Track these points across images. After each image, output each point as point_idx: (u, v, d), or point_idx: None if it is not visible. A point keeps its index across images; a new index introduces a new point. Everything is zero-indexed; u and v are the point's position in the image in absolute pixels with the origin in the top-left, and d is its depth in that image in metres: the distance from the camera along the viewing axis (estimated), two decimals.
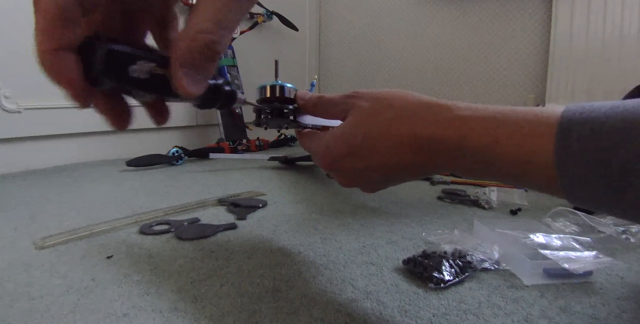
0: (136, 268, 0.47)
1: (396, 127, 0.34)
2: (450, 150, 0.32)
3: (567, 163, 0.26)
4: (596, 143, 0.25)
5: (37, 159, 1.09)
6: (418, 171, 0.36)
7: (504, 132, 0.29)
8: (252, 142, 1.44)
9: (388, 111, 0.36)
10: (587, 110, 0.27)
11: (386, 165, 0.36)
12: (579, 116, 0.27)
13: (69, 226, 0.61)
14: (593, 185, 0.26)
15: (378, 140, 0.35)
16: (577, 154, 0.26)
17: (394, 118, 0.35)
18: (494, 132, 0.30)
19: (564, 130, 0.27)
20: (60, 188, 0.86)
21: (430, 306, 0.39)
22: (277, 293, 0.42)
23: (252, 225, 0.63)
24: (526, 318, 0.38)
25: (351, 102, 0.39)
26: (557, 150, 0.27)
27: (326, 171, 0.43)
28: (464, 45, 1.61)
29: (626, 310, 0.39)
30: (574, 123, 0.27)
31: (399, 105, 0.36)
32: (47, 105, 1.08)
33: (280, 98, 0.45)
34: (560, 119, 0.27)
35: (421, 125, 0.33)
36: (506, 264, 0.48)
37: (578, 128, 0.26)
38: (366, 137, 0.36)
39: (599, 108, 0.27)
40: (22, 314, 0.37)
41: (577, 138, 0.26)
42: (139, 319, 0.36)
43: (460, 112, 0.32)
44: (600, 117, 0.26)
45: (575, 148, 0.26)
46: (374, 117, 0.36)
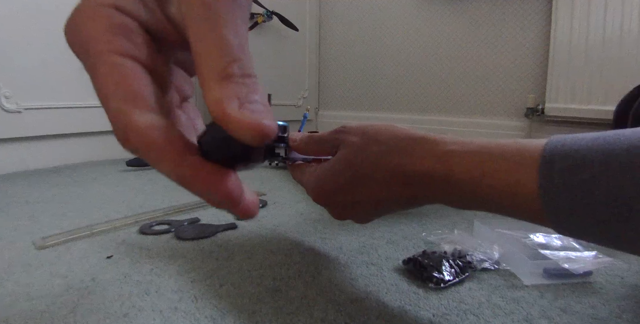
0: (136, 268, 0.47)
1: (385, 161, 0.35)
2: (438, 184, 0.33)
3: (551, 195, 0.27)
4: (578, 176, 0.26)
5: (37, 159, 1.09)
6: (408, 203, 0.38)
7: (490, 165, 0.30)
8: None
9: (377, 145, 0.37)
10: (568, 143, 0.28)
11: (376, 199, 0.37)
12: (560, 148, 0.28)
13: (69, 226, 0.61)
14: (577, 217, 0.26)
15: (368, 175, 0.36)
16: (560, 186, 0.27)
17: (383, 153, 0.36)
18: (480, 166, 0.31)
19: (546, 163, 0.28)
20: (60, 188, 0.86)
21: (430, 306, 0.39)
22: (277, 293, 0.42)
23: (252, 225, 0.63)
24: (526, 318, 0.38)
25: (340, 137, 0.40)
26: (541, 183, 0.27)
27: (319, 204, 0.44)
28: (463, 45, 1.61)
29: (626, 310, 0.39)
30: (556, 156, 0.27)
31: (387, 139, 0.37)
32: (47, 105, 1.08)
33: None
34: (542, 152, 0.28)
35: (409, 159, 0.34)
36: (506, 264, 0.48)
37: (560, 161, 0.27)
38: (356, 172, 0.37)
39: (580, 140, 0.27)
40: (22, 314, 0.37)
41: (559, 171, 0.27)
42: (139, 319, 0.36)
43: (447, 146, 0.33)
44: (581, 150, 0.27)
45: (558, 181, 0.27)
46: (363, 152, 0.37)
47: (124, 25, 0.21)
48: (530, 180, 0.28)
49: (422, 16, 1.72)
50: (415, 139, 0.35)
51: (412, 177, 0.34)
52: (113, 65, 0.20)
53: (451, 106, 1.68)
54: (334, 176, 0.39)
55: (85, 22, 0.21)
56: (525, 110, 1.46)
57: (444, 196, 0.34)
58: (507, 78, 1.54)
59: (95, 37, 0.21)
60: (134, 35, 0.21)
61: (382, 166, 0.35)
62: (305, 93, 1.95)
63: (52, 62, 1.07)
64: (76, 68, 0.76)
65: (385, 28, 1.83)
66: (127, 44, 0.21)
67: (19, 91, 1.02)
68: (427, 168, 0.33)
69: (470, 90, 1.62)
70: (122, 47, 0.20)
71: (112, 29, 0.21)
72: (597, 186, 0.25)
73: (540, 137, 0.29)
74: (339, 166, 0.38)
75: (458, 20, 1.63)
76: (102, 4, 0.21)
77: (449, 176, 0.32)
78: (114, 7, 0.21)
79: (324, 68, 2.03)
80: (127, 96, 0.20)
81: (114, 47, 0.20)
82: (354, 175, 0.37)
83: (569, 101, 1.34)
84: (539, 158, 0.28)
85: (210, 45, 0.20)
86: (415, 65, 1.76)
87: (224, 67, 0.19)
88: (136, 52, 0.21)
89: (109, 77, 0.20)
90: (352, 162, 0.37)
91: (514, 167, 0.29)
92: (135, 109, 0.20)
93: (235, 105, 0.19)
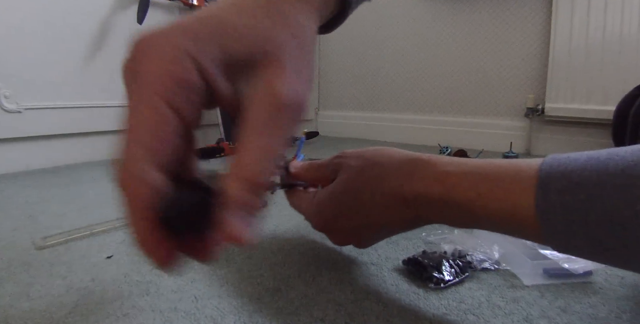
0: (136, 268, 0.47)
1: (384, 184, 0.36)
2: (436, 204, 0.33)
3: (548, 215, 0.27)
4: (574, 196, 0.26)
5: (37, 159, 1.09)
6: (408, 225, 0.38)
7: (486, 186, 0.30)
8: None
9: (375, 168, 0.37)
10: (564, 163, 0.28)
11: (378, 223, 0.37)
12: (556, 169, 0.28)
13: (69, 226, 0.61)
14: (574, 237, 0.27)
15: (368, 199, 0.37)
16: (556, 206, 0.27)
17: (382, 175, 0.36)
18: (476, 187, 0.31)
19: (543, 184, 0.28)
20: (60, 188, 0.86)
21: (430, 306, 0.39)
22: (277, 293, 0.42)
23: None
24: (526, 318, 0.38)
25: (339, 162, 0.41)
26: (537, 203, 0.28)
27: (318, 230, 0.44)
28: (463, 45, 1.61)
29: (626, 310, 0.39)
30: (552, 176, 0.28)
31: (385, 161, 0.37)
32: (47, 105, 1.08)
33: None
34: (538, 173, 0.28)
35: (408, 181, 0.35)
36: (506, 264, 0.48)
37: (556, 181, 0.27)
38: (356, 196, 0.37)
39: (574, 161, 0.28)
40: (22, 314, 0.37)
41: (555, 191, 0.27)
42: (139, 319, 0.36)
43: (444, 167, 0.34)
44: (576, 170, 0.27)
45: (554, 201, 0.27)
46: (362, 176, 0.37)
47: (191, 82, 0.21)
48: (526, 202, 0.28)
49: (423, 16, 1.72)
50: (413, 161, 0.36)
51: (409, 199, 0.34)
52: (157, 113, 0.20)
53: (451, 106, 1.68)
54: (333, 201, 0.39)
55: (156, 58, 0.21)
56: (525, 110, 1.46)
57: (443, 217, 0.34)
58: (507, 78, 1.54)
59: (158, 77, 0.20)
60: (193, 94, 0.21)
61: (382, 189, 0.36)
62: None
63: (52, 62, 1.07)
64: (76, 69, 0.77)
65: (386, 28, 1.83)
66: (182, 100, 0.21)
67: (19, 91, 1.02)
68: (425, 189, 0.33)
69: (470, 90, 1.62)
70: (176, 101, 0.20)
71: (178, 80, 0.20)
72: (592, 206, 0.25)
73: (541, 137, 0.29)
74: (339, 191, 0.39)
75: (458, 20, 1.63)
76: (181, 48, 0.21)
77: (446, 197, 0.32)
78: (190, 58, 0.21)
79: (324, 68, 2.03)
80: (149, 147, 0.20)
81: (169, 97, 0.20)
82: (354, 199, 0.37)
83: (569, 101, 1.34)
84: (536, 179, 0.28)
85: (254, 147, 0.22)
86: (415, 65, 1.76)
87: (251, 175, 0.21)
88: (186, 110, 0.21)
89: (146, 122, 0.20)
90: (351, 186, 0.38)
91: (509, 188, 0.29)
92: (145, 162, 0.20)
93: (237, 213, 0.21)
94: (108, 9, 1.16)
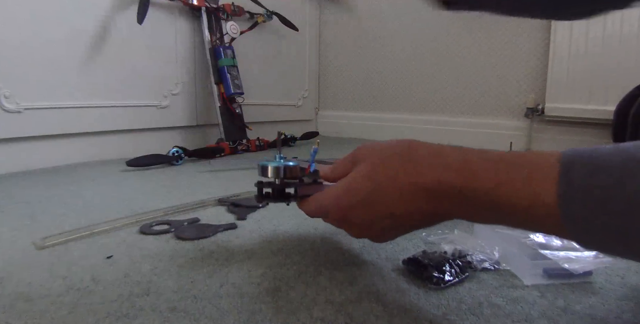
0: (136, 268, 0.47)
1: (403, 175, 0.35)
2: (454, 194, 0.32)
3: (570, 202, 0.26)
4: (599, 181, 0.25)
5: (37, 159, 1.09)
6: (426, 219, 0.37)
7: (507, 173, 0.30)
8: (252, 142, 1.44)
9: (394, 159, 0.37)
10: (587, 151, 0.27)
11: (395, 214, 0.37)
12: (580, 155, 0.27)
13: (69, 226, 0.61)
14: (596, 225, 0.26)
15: (386, 188, 0.36)
16: (579, 192, 0.26)
17: (400, 166, 0.36)
18: (497, 175, 0.30)
19: (566, 169, 0.27)
20: (60, 188, 0.86)
21: (430, 306, 0.39)
22: (277, 293, 0.42)
23: (252, 225, 0.63)
24: (526, 318, 0.38)
25: (358, 153, 0.41)
26: (559, 189, 0.27)
27: (336, 224, 0.44)
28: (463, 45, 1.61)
29: (626, 310, 0.39)
30: (576, 162, 0.27)
31: (405, 152, 0.36)
32: (47, 105, 1.07)
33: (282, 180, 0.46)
34: (561, 159, 0.28)
35: (426, 171, 0.34)
36: (506, 264, 0.48)
37: (580, 167, 0.26)
38: (375, 186, 0.37)
39: (598, 150, 0.27)
40: (22, 314, 0.37)
41: (580, 176, 0.26)
42: (139, 319, 0.36)
43: (464, 156, 0.33)
44: (602, 156, 0.26)
45: (577, 186, 0.26)
46: (380, 166, 0.37)
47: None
48: (548, 188, 0.27)
49: (423, 16, 1.72)
50: (432, 151, 0.35)
51: (428, 189, 0.34)
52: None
53: (451, 106, 1.68)
54: (351, 191, 0.39)
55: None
56: (525, 110, 1.46)
57: (461, 209, 0.34)
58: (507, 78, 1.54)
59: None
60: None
61: (400, 180, 0.35)
62: (305, 93, 1.95)
63: (52, 62, 1.07)
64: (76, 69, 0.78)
65: (386, 28, 1.83)
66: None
67: (19, 91, 1.02)
68: (443, 178, 0.33)
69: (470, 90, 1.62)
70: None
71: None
72: (619, 191, 0.25)
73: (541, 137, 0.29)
74: (358, 180, 0.38)
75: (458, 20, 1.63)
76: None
77: (464, 186, 0.32)
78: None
79: (324, 68, 2.03)
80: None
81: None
82: (373, 188, 0.37)
83: (569, 101, 1.34)
84: (558, 165, 0.27)
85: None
86: (415, 65, 1.76)
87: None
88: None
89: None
90: (370, 176, 0.37)
91: (530, 175, 0.28)
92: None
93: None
94: (108, 9, 1.16)
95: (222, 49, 1.37)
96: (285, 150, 1.51)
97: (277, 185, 0.46)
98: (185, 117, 1.42)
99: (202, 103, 1.46)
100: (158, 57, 1.31)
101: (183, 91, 1.39)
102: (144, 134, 1.33)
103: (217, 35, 1.41)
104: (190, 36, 1.39)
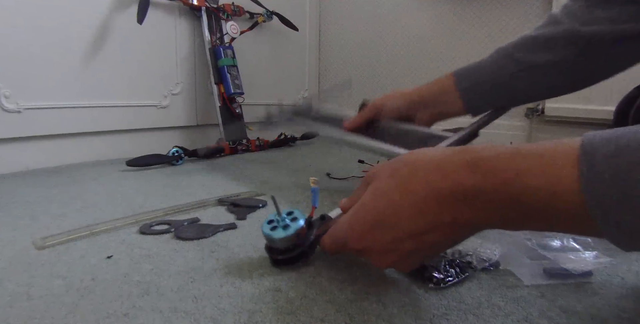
0: (136, 268, 0.47)
1: (415, 182, 0.33)
2: (471, 196, 0.30)
3: (594, 184, 0.24)
4: (623, 160, 0.24)
5: (37, 159, 1.09)
6: (448, 233, 0.33)
7: (525, 163, 0.28)
8: (252, 142, 1.44)
9: (405, 168, 0.35)
10: (606, 133, 0.26)
11: (414, 233, 0.34)
12: (599, 137, 0.26)
13: (69, 226, 0.61)
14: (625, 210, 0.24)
15: (399, 202, 0.34)
16: (603, 173, 0.24)
17: (410, 174, 0.34)
18: (514, 166, 0.28)
19: (587, 152, 0.25)
20: (60, 188, 0.86)
21: (430, 306, 0.39)
22: (277, 293, 0.42)
23: (252, 225, 0.63)
24: (526, 318, 0.38)
25: (369, 175, 0.40)
26: (582, 173, 0.25)
27: (359, 255, 0.41)
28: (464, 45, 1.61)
29: (626, 310, 0.39)
30: (596, 143, 0.25)
31: (414, 160, 0.35)
32: (47, 105, 1.07)
33: (294, 246, 0.46)
34: (581, 143, 0.26)
35: (439, 174, 0.32)
36: (506, 264, 0.48)
37: (602, 147, 0.25)
38: (387, 204, 0.35)
39: (617, 131, 0.26)
40: (22, 314, 0.37)
41: (602, 157, 0.24)
42: (139, 319, 0.36)
43: (477, 153, 0.31)
44: (623, 136, 0.25)
45: (601, 168, 0.24)
46: (392, 178, 0.35)
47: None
48: (569, 173, 0.25)
49: (422, 16, 1.72)
50: (443, 154, 0.33)
51: (445, 194, 0.31)
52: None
53: None
54: (365, 210, 0.37)
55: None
56: (525, 110, 1.46)
57: (483, 214, 0.31)
58: None
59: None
60: None
61: (414, 188, 0.33)
62: (305, 93, 1.95)
63: (52, 62, 1.07)
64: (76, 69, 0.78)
65: (386, 28, 1.83)
66: None
67: (19, 91, 1.02)
68: (457, 180, 0.31)
69: None
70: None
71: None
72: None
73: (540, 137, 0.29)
74: (368, 200, 0.37)
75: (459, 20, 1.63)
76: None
77: (482, 185, 0.29)
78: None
79: (324, 68, 2.03)
80: None
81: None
82: (386, 204, 0.35)
83: (569, 101, 1.34)
84: (579, 147, 0.26)
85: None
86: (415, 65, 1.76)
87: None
88: None
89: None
90: (383, 191, 0.35)
91: (549, 162, 0.27)
92: None
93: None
94: (108, 9, 1.16)
95: (222, 49, 1.37)
96: (285, 149, 1.51)
97: (292, 255, 0.46)
98: (185, 117, 1.42)
99: (202, 103, 1.46)
100: (158, 57, 1.31)
101: (183, 91, 1.39)
102: (144, 134, 1.33)
103: (217, 35, 1.41)
104: (190, 36, 1.39)
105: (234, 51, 1.41)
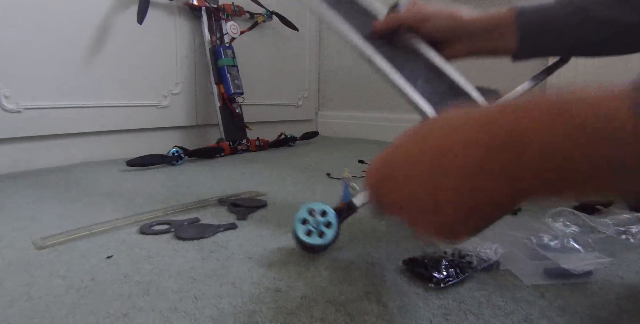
0: (136, 268, 0.47)
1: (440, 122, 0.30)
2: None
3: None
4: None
5: (37, 159, 1.09)
6: (486, 195, 0.26)
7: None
8: (252, 142, 1.44)
9: (436, 121, 0.32)
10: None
11: (447, 155, 0.27)
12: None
13: (69, 226, 0.61)
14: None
15: (432, 125, 0.30)
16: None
17: (441, 127, 0.30)
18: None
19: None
20: (60, 188, 0.86)
21: (430, 306, 0.39)
22: (277, 293, 0.42)
23: (252, 225, 0.63)
24: (526, 318, 0.38)
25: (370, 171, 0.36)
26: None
27: (372, 195, 0.34)
28: None
29: (626, 310, 0.39)
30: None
31: (440, 122, 0.31)
32: (47, 105, 1.07)
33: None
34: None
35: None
36: (506, 264, 0.48)
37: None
38: (419, 129, 0.31)
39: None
40: (22, 314, 0.37)
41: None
42: (138, 320, 0.36)
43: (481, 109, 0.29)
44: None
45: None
46: (417, 132, 0.32)
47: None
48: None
49: None
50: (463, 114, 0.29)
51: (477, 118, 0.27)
52: None
53: None
54: (389, 150, 0.32)
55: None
56: None
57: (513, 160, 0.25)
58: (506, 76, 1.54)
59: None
60: None
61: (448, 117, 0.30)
62: (305, 93, 1.95)
63: (52, 62, 1.07)
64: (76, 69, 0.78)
65: None
66: None
67: (19, 91, 1.02)
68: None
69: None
70: None
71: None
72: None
73: None
74: (395, 145, 0.32)
75: None
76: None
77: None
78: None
79: (324, 68, 2.03)
80: None
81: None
82: (416, 129, 0.31)
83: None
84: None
85: None
86: None
87: None
88: None
89: None
90: (414, 132, 0.31)
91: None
92: None
93: None
94: (108, 9, 1.16)
95: (222, 49, 1.37)
96: (285, 149, 1.51)
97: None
98: (185, 117, 1.42)
99: (202, 103, 1.46)
100: (158, 57, 1.31)
101: (183, 91, 1.39)
102: (144, 134, 1.33)
103: (217, 35, 1.41)
104: (190, 36, 1.39)
105: (234, 51, 1.41)
